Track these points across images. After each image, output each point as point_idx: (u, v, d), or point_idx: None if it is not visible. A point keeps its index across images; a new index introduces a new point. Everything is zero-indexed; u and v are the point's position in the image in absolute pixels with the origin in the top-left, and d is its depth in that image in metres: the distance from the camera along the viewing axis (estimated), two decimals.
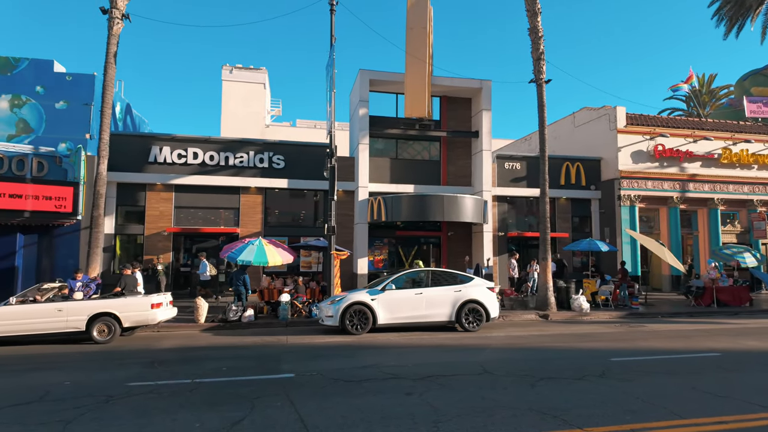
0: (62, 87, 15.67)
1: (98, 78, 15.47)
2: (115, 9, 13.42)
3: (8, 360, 8.41)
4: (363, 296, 11.01)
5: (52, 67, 15.72)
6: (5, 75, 15.24)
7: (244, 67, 34.63)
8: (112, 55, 13.46)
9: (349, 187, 18.16)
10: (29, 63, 15.50)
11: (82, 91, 15.82)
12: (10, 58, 15.39)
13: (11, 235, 14.97)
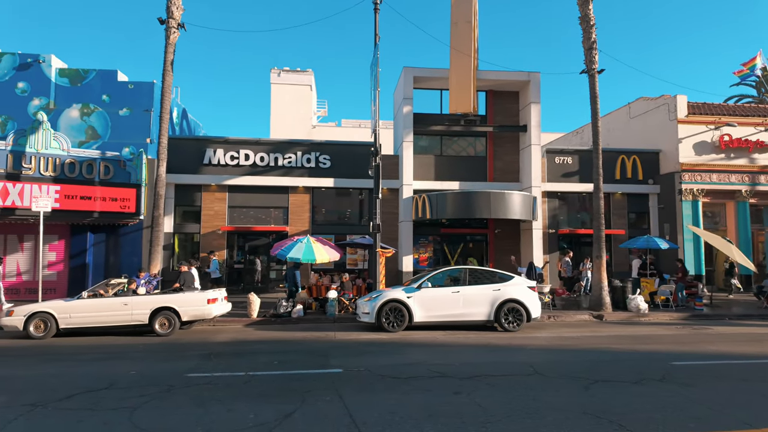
0: (125, 95, 16.74)
1: (157, 85, 16.39)
2: (171, 19, 14.16)
3: (81, 350, 9.11)
4: (399, 294, 11.01)
5: (116, 77, 16.81)
6: (76, 86, 16.47)
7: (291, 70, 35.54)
8: (169, 63, 14.22)
9: (393, 185, 18.21)
10: (96, 74, 16.66)
11: (143, 98, 16.83)
12: (80, 70, 16.62)
13: (82, 234, 16.20)
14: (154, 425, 4.84)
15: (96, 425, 4.84)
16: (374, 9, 14.32)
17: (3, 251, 15.91)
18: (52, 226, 15.24)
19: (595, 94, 14.89)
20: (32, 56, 16.22)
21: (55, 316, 10.22)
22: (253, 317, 12.65)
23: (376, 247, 13.64)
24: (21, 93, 16.01)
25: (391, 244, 16.75)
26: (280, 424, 4.86)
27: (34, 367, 7.69)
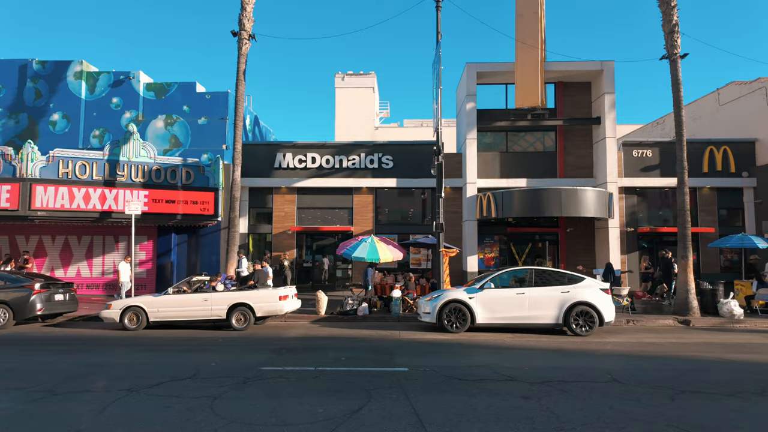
0: (203, 105, 17.99)
1: (231, 95, 17.43)
2: (243, 31, 14.99)
3: (168, 341, 9.90)
4: (460, 294, 10.81)
5: (195, 89, 18.12)
6: (161, 99, 17.96)
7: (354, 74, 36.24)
8: (241, 73, 15.07)
9: (456, 184, 17.97)
10: (178, 86, 18.06)
11: (219, 107, 17.99)
12: (164, 83, 18.10)
13: (168, 235, 17.63)
14: (232, 414, 5.14)
15: (181, 411, 5.24)
16: (436, 7, 14.22)
17: (102, 251, 17.72)
18: (141, 227, 16.72)
19: (678, 81, 13.73)
20: (124, 74, 17.92)
21: (145, 310, 11.21)
22: (321, 314, 13.05)
23: (439, 246, 13.53)
24: (115, 107, 17.75)
25: (455, 244, 16.54)
26: (347, 420, 4.97)
27: (129, 355, 8.47)
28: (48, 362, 7.76)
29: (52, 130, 17.51)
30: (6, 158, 14.77)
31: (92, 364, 7.65)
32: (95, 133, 17.64)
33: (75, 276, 17.39)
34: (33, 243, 17.69)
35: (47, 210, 14.91)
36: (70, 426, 4.79)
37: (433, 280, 15.08)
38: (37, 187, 14.76)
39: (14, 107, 17.58)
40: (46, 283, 12.04)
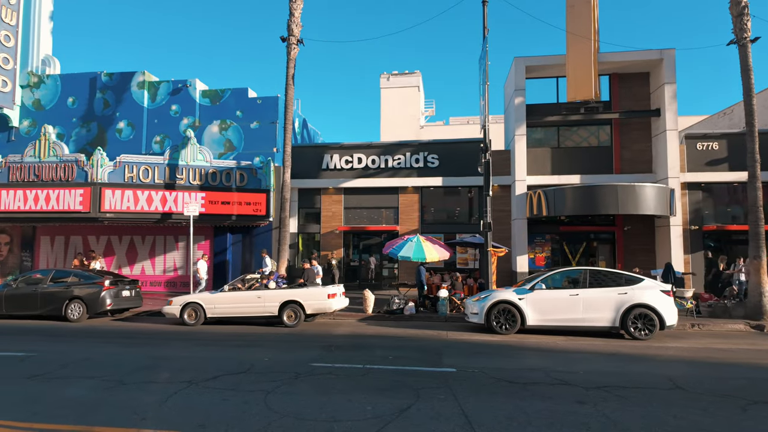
0: (255, 109, 18.67)
1: (281, 99, 17.97)
2: (291, 36, 15.41)
3: (224, 337, 10.37)
4: (509, 295, 10.54)
5: (247, 94, 18.84)
6: (215, 105, 18.81)
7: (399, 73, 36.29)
8: (290, 77, 15.49)
9: (505, 182, 17.57)
10: (231, 93, 18.84)
11: (269, 112, 18.61)
12: (218, 90, 18.94)
13: (223, 235, 18.45)
14: (284, 408, 5.32)
15: (237, 404, 5.47)
16: (482, 2, 13.96)
17: (163, 250, 18.82)
18: (199, 228, 17.60)
19: (748, 67, 12.72)
20: (181, 82, 18.92)
21: (203, 306, 11.80)
22: (368, 312, 13.19)
23: (487, 246, 13.29)
24: (174, 114, 18.78)
25: (504, 243, 16.18)
26: (396, 418, 5.00)
27: (189, 349, 8.96)
28: (117, 354, 8.36)
29: (118, 138, 18.79)
30: (79, 164, 16.02)
31: (156, 356, 8.15)
32: (156, 139, 18.75)
33: (139, 273, 18.58)
34: (102, 243, 19.07)
35: (115, 212, 16.03)
36: (137, 414, 5.14)
37: (481, 280, 14.83)
38: (105, 191, 15.91)
39: (86, 117, 19.02)
40: (115, 280, 12.96)
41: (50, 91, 19.19)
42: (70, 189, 15.88)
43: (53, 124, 18.02)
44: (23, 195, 16.04)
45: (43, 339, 9.80)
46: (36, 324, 11.90)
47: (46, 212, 16.00)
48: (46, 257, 19.28)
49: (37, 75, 19.25)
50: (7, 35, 18.46)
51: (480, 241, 14.87)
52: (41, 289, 12.56)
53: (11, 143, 18.90)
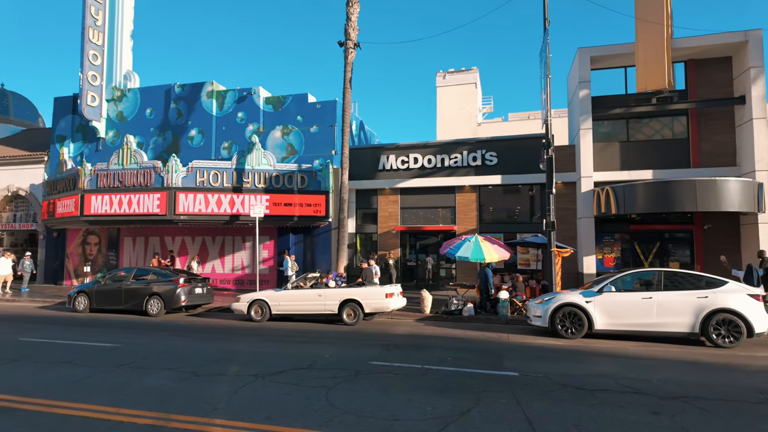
0: (314, 114, 19.24)
1: (338, 103, 18.38)
2: (348, 40, 15.71)
3: (288, 333, 10.77)
4: (575, 297, 10.02)
5: (306, 99, 19.45)
6: (278, 111, 19.60)
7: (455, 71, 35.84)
8: (347, 81, 15.80)
9: (569, 179, 16.81)
10: (292, 98, 19.54)
11: (328, 115, 19.09)
12: (280, 96, 19.72)
13: (286, 235, 19.17)
14: (345, 405, 5.43)
15: (300, 399, 5.67)
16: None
17: (232, 249, 19.88)
18: (264, 228, 18.40)
19: None
20: (246, 90, 19.89)
21: (268, 303, 12.33)
22: (426, 313, 13.14)
23: (550, 246, 12.76)
24: (240, 121, 19.79)
25: (569, 243, 15.48)
26: (457, 420, 4.94)
27: (256, 344, 9.39)
28: (191, 347, 8.94)
29: (190, 145, 20.10)
30: (156, 170, 17.32)
31: (226, 350, 8.63)
32: (224, 145, 19.85)
33: (210, 272, 19.76)
34: (177, 243, 20.48)
35: (188, 214, 17.17)
36: (209, 404, 5.47)
37: (544, 281, 14.28)
38: (179, 195, 17.08)
39: (161, 126, 20.53)
40: (188, 278, 13.86)
41: (131, 104, 20.92)
42: (149, 193, 17.21)
43: (134, 134, 19.63)
44: (109, 199, 17.61)
45: (128, 332, 10.70)
46: (120, 318, 13.01)
47: (129, 215, 17.46)
48: (129, 256, 21.03)
49: (120, 89, 21.05)
50: (95, 54, 20.36)
51: (542, 241, 14.33)
52: (125, 285, 13.71)
53: (99, 152, 20.81)
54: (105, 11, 20.72)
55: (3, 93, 26.76)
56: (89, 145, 21.32)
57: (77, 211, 17.90)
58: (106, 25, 20.75)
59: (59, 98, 22.15)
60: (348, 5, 15.81)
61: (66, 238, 21.78)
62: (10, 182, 22.47)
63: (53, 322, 12.01)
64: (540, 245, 15.34)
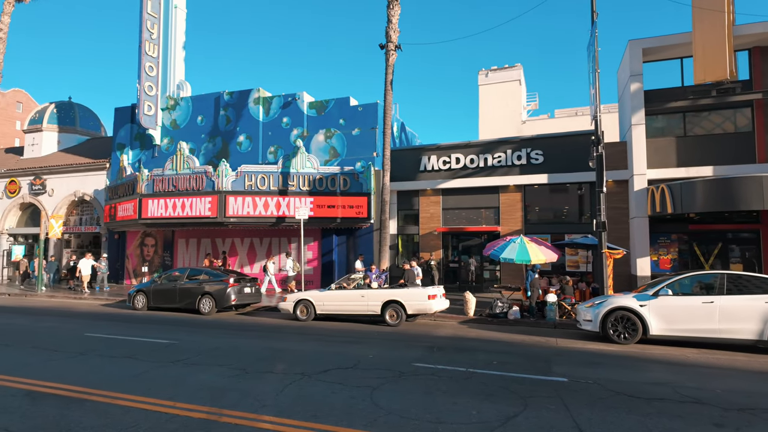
0: (356, 117, 19.46)
1: (380, 105, 18.49)
2: (390, 43, 15.78)
3: (332, 332, 10.95)
4: (629, 301, 9.55)
5: (348, 103, 19.71)
6: (321, 115, 19.98)
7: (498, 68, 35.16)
8: (389, 83, 15.87)
9: (620, 177, 16.08)
10: (334, 102, 19.87)
11: (369, 118, 19.26)
12: (323, 101, 20.09)
13: (329, 236, 19.50)
14: (390, 405, 5.45)
15: (345, 398, 5.75)
16: None
17: (278, 250, 20.44)
18: (308, 230, 18.80)
19: None
20: (291, 96, 20.41)
21: (313, 303, 12.59)
22: (470, 315, 12.96)
23: (601, 247, 12.24)
24: (285, 126, 20.33)
25: (621, 244, 14.82)
26: (503, 425, 4.85)
27: (301, 343, 9.61)
28: (241, 345, 9.28)
29: (238, 150, 20.87)
30: (207, 175, 18.10)
31: (273, 348, 8.89)
32: (271, 150, 20.46)
33: (258, 272, 20.39)
34: (228, 244, 21.30)
35: (237, 217, 17.82)
36: (258, 401, 5.65)
37: (595, 284, 13.73)
38: (229, 198, 17.76)
39: (212, 133, 21.44)
40: (238, 278, 14.39)
41: (183, 112, 21.98)
42: (201, 197, 18.01)
43: (186, 141, 20.61)
44: (164, 203, 18.57)
45: (182, 329, 11.24)
46: (175, 316, 13.69)
47: (182, 218, 18.34)
48: (183, 257, 22.09)
49: (174, 98, 22.17)
50: (150, 66, 21.56)
51: (592, 242, 13.78)
52: (179, 285, 14.41)
53: (155, 159, 22.01)
54: (159, 25, 21.90)
55: (70, 105, 28.86)
56: (146, 152, 22.60)
57: (135, 214, 19.00)
58: (160, 38, 21.93)
59: (119, 108, 23.62)
60: (389, 8, 15.88)
61: (126, 240, 23.17)
62: (77, 188, 24.19)
63: (115, 319, 12.81)
64: (590, 246, 14.75)
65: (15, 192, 25.67)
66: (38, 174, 25.04)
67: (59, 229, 20.18)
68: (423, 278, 15.86)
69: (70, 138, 28.04)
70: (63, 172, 24.54)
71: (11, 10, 22.19)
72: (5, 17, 22.08)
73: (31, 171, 25.32)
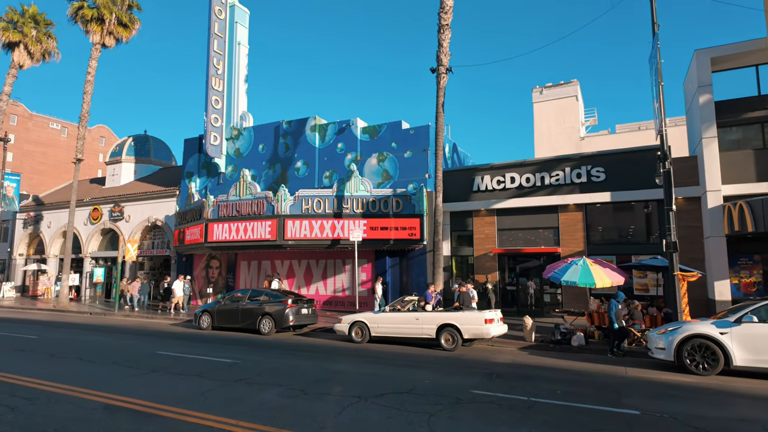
0: (407, 140, 19.71)
1: (431, 127, 18.63)
2: (440, 66, 15.96)
3: (386, 355, 10.91)
4: (707, 328, 8.76)
5: (400, 126, 20.03)
6: (374, 139, 20.43)
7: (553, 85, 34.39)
8: (440, 106, 15.99)
9: (691, 193, 15.04)
10: (387, 127, 20.27)
11: (421, 140, 19.44)
12: (375, 125, 20.56)
13: (383, 258, 19.62)
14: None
15: (402, 424, 5.69)
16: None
17: (333, 272, 20.82)
18: (362, 252, 19.04)
19: None
20: (345, 122, 21.07)
21: (367, 325, 12.64)
22: (530, 341, 12.45)
23: (673, 269, 11.41)
24: (339, 151, 20.95)
25: (695, 265, 13.77)
26: None
27: (357, 365, 9.66)
28: (299, 365, 9.47)
29: (296, 175, 21.71)
30: (268, 200, 18.94)
31: (331, 370, 9.00)
32: (326, 174, 21.11)
33: (314, 293, 20.85)
34: (286, 266, 22.00)
35: (295, 239, 18.43)
36: (317, 422, 5.72)
37: (667, 309, 12.77)
38: (287, 222, 18.44)
39: (272, 160, 22.50)
40: (295, 299, 14.78)
41: (246, 141, 23.28)
42: (262, 221, 18.84)
43: (248, 168, 21.75)
44: (228, 227, 19.59)
45: (244, 349, 11.66)
46: (237, 335, 14.24)
47: (244, 241, 19.23)
48: (245, 278, 23.04)
49: (237, 129, 23.57)
50: (216, 99, 23.13)
51: (663, 264, 12.89)
52: (241, 305, 15.02)
53: (220, 186, 23.36)
54: (224, 61, 23.54)
55: (145, 138, 31.49)
56: (212, 179, 24.07)
57: (202, 238, 20.17)
58: (225, 73, 23.55)
59: (188, 139, 25.43)
60: (439, 32, 16.12)
61: (193, 263, 24.58)
62: (150, 214, 26.12)
63: (183, 338, 13.53)
64: (660, 268, 13.79)
65: (98, 219, 28.14)
66: (117, 202, 27.34)
67: (134, 253, 21.78)
68: (479, 301, 15.49)
69: (145, 168, 30.49)
70: (138, 199, 26.65)
71: (98, 56, 24.82)
72: (93, 62, 24.71)
73: (111, 199, 27.71)
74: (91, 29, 24.07)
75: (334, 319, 14.52)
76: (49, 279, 29.15)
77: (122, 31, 24.92)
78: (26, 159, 53.39)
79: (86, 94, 24.61)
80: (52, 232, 30.44)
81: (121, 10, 24.69)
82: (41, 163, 55.03)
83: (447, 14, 15.97)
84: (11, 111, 49.81)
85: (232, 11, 24.16)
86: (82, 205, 28.27)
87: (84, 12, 23.94)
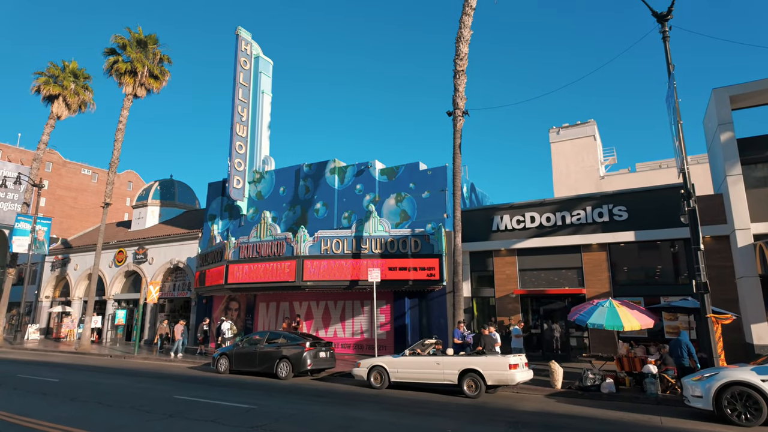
0: (425, 180, 19.89)
1: (449, 168, 18.80)
2: (457, 109, 16.31)
3: (406, 402, 10.53)
4: (747, 375, 8.23)
5: (418, 167, 20.28)
6: (391, 180, 20.68)
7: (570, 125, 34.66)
8: (457, 147, 16.20)
9: (719, 232, 14.61)
10: (404, 168, 20.54)
11: (438, 181, 19.58)
12: (394, 167, 20.86)
13: (401, 299, 19.35)
14: None
15: None
16: (663, 38, 12.66)
17: (352, 314, 20.57)
18: (380, 293, 18.84)
19: None
20: (363, 164, 21.46)
21: (387, 370, 12.30)
22: (557, 387, 11.90)
23: (705, 311, 10.90)
24: (358, 192, 21.22)
25: (728, 307, 13.17)
26: None
27: (376, 412, 9.33)
28: (318, 412, 9.20)
29: (316, 216, 21.97)
30: (287, 241, 19.12)
31: (349, 417, 8.71)
32: (345, 215, 21.31)
33: (332, 336, 20.53)
34: (304, 308, 21.87)
35: (314, 280, 18.39)
36: None
37: (701, 353, 12.13)
38: (306, 262, 18.48)
39: (292, 202, 22.89)
40: (314, 342, 14.56)
41: (267, 184, 23.83)
42: (281, 262, 18.94)
43: (269, 210, 22.14)
44: (248, 269, 19.73)
45: (261, 394, 11.43)
46: (255, 380, 14.01)
47: (264, 282, 19.28)
48: (263, 320, 22.93)
49: (259, 172, 24.20)
50: (240, 144, 23.94)
51: (693, 305, 12.36)
52: (259, 348, 14.86)
53: (241, 228, 23.76)
54: (249, 109, 24.53)
55: (171, 183, 32.56)
56: (234, 221, 24.52)
57: (222, 279, 20.31)
58: (249, 119, 24.48)
59: (212, 183, 26.17)
60: (455, 77, 16.58)
61: (212, 304, 24.66)
62: (173, 256, 26.57)
63: (200, 382, 13.38)
64: (691, 310, 13.22)
65: (122, 261, 28.75)
66: (141, 244, 27.98)
67: (156, 295, 22.01)
68: (502, 345, 15.00)
69: (170, 211, 31.33)
70: (162, 242, 27.22)
71: (129, 105, 26.20)
72: (124, 111, 26.07)
73: (135, 242, 28.38)
74: (125, 81, 25.57)
75: (352, 363, 14.22)
76: (73, 321, 29.58)
77: (153, 83, 26.38)
78: (57, 204, 55.60)
79: (117, 141, 25.81)
80: (78, 274, 31.15)
81: (153, 63, 26.26)
82: (72, 208, 57.21)
83: (462, 60, 16.47)
84: (47, 158, 52.50)
85: (256, 62, 25.40)
86: (108, 248, 29.00)
87: (119, 66, 25.53)
